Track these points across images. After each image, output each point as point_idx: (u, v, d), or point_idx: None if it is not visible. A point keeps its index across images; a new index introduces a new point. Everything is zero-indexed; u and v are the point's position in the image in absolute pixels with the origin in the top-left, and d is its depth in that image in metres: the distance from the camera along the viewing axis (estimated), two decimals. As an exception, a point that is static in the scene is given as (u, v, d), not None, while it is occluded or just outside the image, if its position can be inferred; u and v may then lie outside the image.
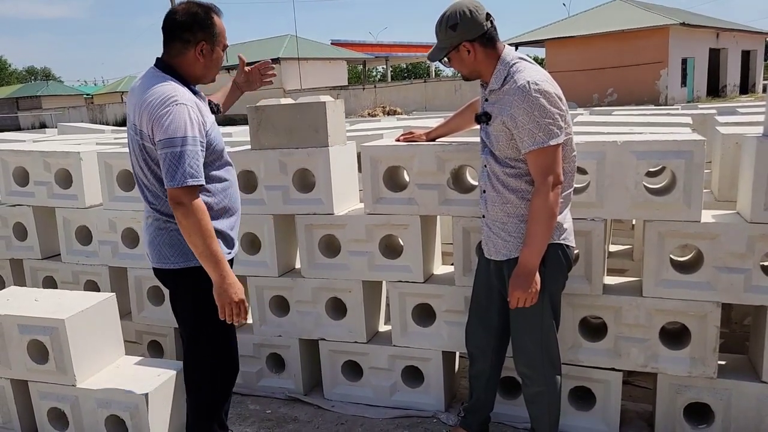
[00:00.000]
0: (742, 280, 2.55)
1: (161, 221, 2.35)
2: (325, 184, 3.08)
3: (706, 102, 23.67)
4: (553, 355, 2.51)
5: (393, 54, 45.28)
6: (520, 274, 2.34)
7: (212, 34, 2.29)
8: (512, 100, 2.26)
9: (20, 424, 3.05)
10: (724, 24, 31.08)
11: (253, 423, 3.18)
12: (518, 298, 2.35)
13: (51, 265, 3.90)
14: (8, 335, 2.90)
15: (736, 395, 2.68)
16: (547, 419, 2.57)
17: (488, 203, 2.46)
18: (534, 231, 2.30)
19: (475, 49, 2.34)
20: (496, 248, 2.46)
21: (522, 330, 2.50)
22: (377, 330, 3.38)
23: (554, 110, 2.23)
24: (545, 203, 2.26)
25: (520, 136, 2.26)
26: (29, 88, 58.23)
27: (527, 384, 2.56)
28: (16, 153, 3.82)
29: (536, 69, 2.33)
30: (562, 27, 29.42)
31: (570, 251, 2.45)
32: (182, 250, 2.32)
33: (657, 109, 5.84)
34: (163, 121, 2.14)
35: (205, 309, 2.37)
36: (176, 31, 2.27)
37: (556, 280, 2.44)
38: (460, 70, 2.45)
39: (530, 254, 2.32)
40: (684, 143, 2.54)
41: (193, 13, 2.26)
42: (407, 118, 6.80)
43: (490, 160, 2.43)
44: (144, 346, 3.78)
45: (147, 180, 2.33)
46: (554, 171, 2.26)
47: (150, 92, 2.21)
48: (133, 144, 2.32)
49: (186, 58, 2.29)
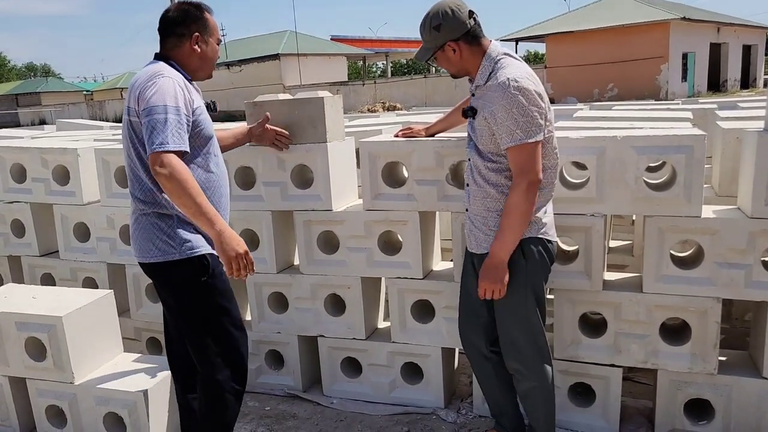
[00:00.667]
0: (743, 275, 2.54)
1: (138, 213, 2.37)
2: (324, 180, 3.07)
3: (706, 97, 23.60)
4: (542, 348, 2.51)
5: (393, 50, 45.19)
6: (488, 266, 2.37)
7: (205, 27, 2.38)
8: (493, 96, 2.28)
9: (18, 422, 3.05)
10: (725, 18, 31.01)
11: (252, 420, 3.17)
12: (485, 288, 2.38)
13: (49, 262, 3.89)
14: (6, 332, 2.89)
15: (737, 391, 2.66)
16: (542, 413, 2.57)
17: (471, 197, 2.48)
18: (506, 225, 2.33)
19: (461, 47, 2.36)
20: (477, 242, 2.48)
21: (508, 325, 2.50)
22: (376, 326, 3.37)
23: (533, 108, 2.24)
24: (520, 199, 2.28)
25: (500, 132, 2.28)
26: (29, 84, 58.19)
27: (519, 380, 2.56)
28: (13, 149, 3.81)
29: (519, 65, 2.34)
30: (563, 22, 29.33)
31: (552, 246, 2.46)
32: (158, 243, 2.32)
33: (657, 104, 5.83)
34: (148, 93, 2.19)
35: (189, 301, 2.38)
36: (170, 27, 2.36)
37: (537, 274, 2.44)
38: (447, 68, 2.47)
39: (499, 248, 2.34)
40: (684, 138, 2.53)
41: (185, 9, 2.37)
42: (407, 114, 6.77)
43: (474, 155, 2.44)
44: (143, 343, 3.77)
45: (132, 163, 2.34)
46: (532, 169, 2.27)
47: (142, 72, 2.31)
48: (124, 129, 2.34)
49: (182, 51, 2.37)
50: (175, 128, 2.17)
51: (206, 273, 2.35)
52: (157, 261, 2.34)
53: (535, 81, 2.29)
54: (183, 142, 2.19)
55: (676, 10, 26.99)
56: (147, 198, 2.33)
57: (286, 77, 33.83)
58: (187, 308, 2.41)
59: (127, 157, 2.36)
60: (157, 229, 2.32)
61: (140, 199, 2.34)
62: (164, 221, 2.33)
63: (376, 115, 7.69)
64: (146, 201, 2.33)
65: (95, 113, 39.94)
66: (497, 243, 2.35)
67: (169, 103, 2.17)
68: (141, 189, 2.33)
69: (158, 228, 2.32)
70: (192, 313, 2.41)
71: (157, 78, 2.23)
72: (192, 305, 2.39)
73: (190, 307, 2.40)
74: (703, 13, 30.16)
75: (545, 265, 2.46)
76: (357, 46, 42.64)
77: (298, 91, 4.01)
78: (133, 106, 2.27)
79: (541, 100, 2.28)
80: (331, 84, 31.49)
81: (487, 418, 2.98)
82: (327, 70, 36.85)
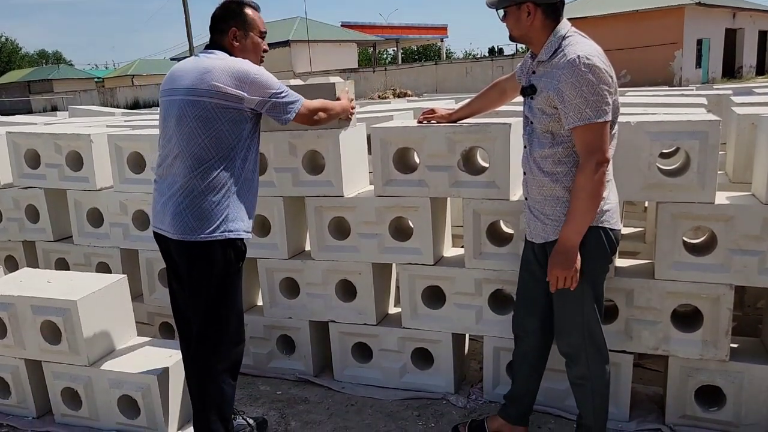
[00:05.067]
0: (756, 262, 2.52)
1: (194, 192, 2.39)
2: (335, 166, 3.07)
3: (721, 83, 23.33)
4: (598, 340, 2.43)
5: (404, 36, 44.98)
6: (559, 252, 2.28)
7: (243, 21, 2.53)
8: (560, 74, 2.18)
9: (35, 404, 3.10)
10: (741, 3, 30.52)
11: (264, 404, 3.20)
12: (557, 277, 2.28)
13: (63, 247, 3.93)
14: (22, 316, 2.93)
15: (749, 378, 2.66)
16: (590, 404, 2.49)
17: (528, 185, 2.42)
18: (575, 208, 2.23)
19: (537, 14, 2.24)
20: (536, 231, 2.42)
21: (563, 314, 2.44)
22: (387, 312, 3.38)
23: (603, 86, 2.15)
24: (589, 180, 2.18)
25: (566, 111, 2.18)
26: (41, 71, 58.41)
27: (569, 365, 2.51)
28: (27, 135, 3.84)
29: (588, 43, 2.24)
30: (576, 7, 29.00)
31: (614, 234, 2.36)
32: (210, 222, 2.39)
33: (671, 90, 5.77)
34: (262, 80, 2.43)
35: (223, 284, 2.46)
36: (214, 23, 2.55)
37: (596, 264, 2.34)
38: (511, 29, 2.33)
39: (570, 232, 2.25)
40: (698, 124, 2.50)
41: (226, 6, 2.55)
42: (418, 101, 6.75)
43: (530, 141, 2.38)
44: (155, 327, 3.81)
45: (200, 141, 2.38)
46: (600, 149, 2.17)
47: (224, 61, 2.44)
48: (187, 107, 2.39)
49: (225, 45, 2.53)
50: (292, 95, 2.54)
51: (242, 257, 2.52)
52: (205, 240, 2.39)
53: (604, 60, 2.20)
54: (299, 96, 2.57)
55: (690, -5, 26.61)
56: (209, 178, 2.39)
57: (297, 64, 33.76)
58: (218, 289, 2.46)
59: (189, 137, 2.39)
60: (210, 208, 2.39)
61: (201, 178, 2.39)
62: (222, 201, 2.42)
63: (387, 101, 7.66)
64: (208, 180, 2.39)
65: (106, 100, 40.08)
66: (567, 227, 2.26)
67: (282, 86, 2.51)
68: (205, 169, 2.39)
69: (212, 207, 2.39)
70: (219, 295, 2.47)
71: (257, 68, 2.46)
72: (224, 286, 2.47)
73: (216, 287, 2.45)
74: (718, -2, 29.72)
75: (605, 254, 2.36)
76: (367, 32, 42.45)
77: (309, 77, 4.00)
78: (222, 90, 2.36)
79: (612, 80, 2.19)
80: (341, 71, 31.40)
81: (497, 404, 2.99)
82: (337, 56, 36.74)
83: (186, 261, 2.47)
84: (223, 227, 2.41)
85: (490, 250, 2.92)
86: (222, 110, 2.38)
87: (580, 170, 2.22)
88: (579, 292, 2.34)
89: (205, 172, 2.39)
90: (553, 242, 2.34)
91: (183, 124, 2.40)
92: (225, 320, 2.50)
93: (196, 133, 2.38)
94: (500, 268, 2.91)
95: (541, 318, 2.56)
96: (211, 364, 2.51)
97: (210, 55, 2.49)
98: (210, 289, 2.46)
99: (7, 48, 68.81)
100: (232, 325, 2.53)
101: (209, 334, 2.49)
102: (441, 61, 30.63)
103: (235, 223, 2.44)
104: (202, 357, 2.52)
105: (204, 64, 2.44)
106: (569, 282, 2.29)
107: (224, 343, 2.52)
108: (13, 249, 4.15)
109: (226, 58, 2.46)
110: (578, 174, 2.22)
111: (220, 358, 2.52)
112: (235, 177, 2.45)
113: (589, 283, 2.34)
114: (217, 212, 2.40)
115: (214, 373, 2.51)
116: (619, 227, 2.40)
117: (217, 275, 2.44)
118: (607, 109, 2.16)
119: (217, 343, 2.50)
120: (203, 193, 2.39)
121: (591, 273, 2.33)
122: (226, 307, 2.50)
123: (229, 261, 2.45)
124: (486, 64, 29.84)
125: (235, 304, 2.54)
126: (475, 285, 2.98)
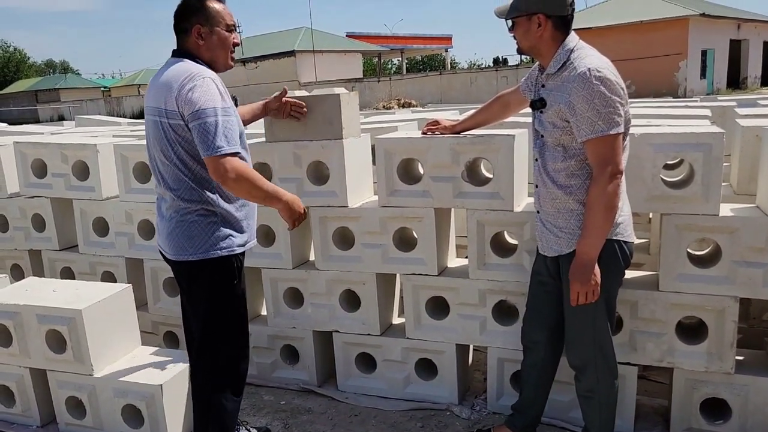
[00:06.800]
0: (761, 274, 2.52)
1: (181, 212, 2.34)
2: (339, 176, 3.08)
3: (726, 94, 23.30)
4: (608, 354, 2.42)
5: (408, 46, 45.13)
6: (577, 267, 2.26)
7: (207, 16, 2.31)
8: (571, 87, 2.18)
9: (39, 413, 3.10)
10: (746, 14, 30.55)
11: (267, 414, 3.20)
12: (578, 292, 2.26)
13: (68, 256, 3.95)
14: (27, 325, 2.94)
15: (754, 391, 2.64)
16: (597, 419, 2.49)
17: (540, 198, 2.41)
18: (591, 221, 2.22)
19: (547, 26, 2.25)
20: (548, 244, 2.42)
21: (574, 327, 2.43)
22: (391, 322, 3.38)
23: (615, 98, 2.15)
24: (603, 193, 2.17)
25: (578, 124, 2.18)
26: (48, 80, 58.86)
27: (579, 378, 2.50)
28: (34, 145, 3.86)
29: (597, 56, 2.25)
30: (580, 18, 29.02)
31: (627, 246, 2.36)
32: (200, 242, 2.34)
33: (675, 101, 5.77)
34: (193, 95, 2.17)
35: (219, 301, 2.43)
36: (176, 23, 2.35)
37: (609, 277, 2.32)
38: (520, 40, 2.33)
39: (587, 246, 2.23)
40: (702, 135, 2.50)
41: (185, 1, 2.33)
42: (422, 111, 6.76)
43: (541, 154, 2.37)
44: (160, 336, 3.82)
45: (171, 162, 2.30)
46: (613, 161, 2.17)
47: (172, 72, 2.26)
48: (155, 128, 2.31)
49: (190, 45, 2.33)
50: (227, 129, 2.19)
51: (239, 274, 2.46)
52: (196, 259, 2.35)
53: (614, 72, 2.20)
54: (236, 142, 2.23)
55: (695, 6, 26.63)
56: (192, 197, 2.31)
57: (302, 74, 33.90)
58: (214, 306, 2.44)
59: (166, 161, 2.31)
60: (199, 228, 2.33)
61: (185, 198, 2.32)
62: (209, 219, 2.34)
63: (391, 111, 7.69)
64: (191, 200, 2.32)
65: (113, 109, 40.34)
66: (584, 241, 2.24)
67: (217, 105, 2.18)
68: (185, 189, 2.31)
69: (201, 226, 2.33)
70: (216, 312, 2.44)
71: (198, 80, 2.19)
72: (220, 303, 2.44)
73: (213, 304, 2.43)
74: (722, 9, 29.74)
75: (619, 267, 2.35)
76: (372, 42, 42.64)
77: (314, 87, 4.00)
78: (172, 109, 2.21)
79: (623, 91, 2.19)
80: (346, 81, 31.52)
81: (501, 415, 2.98)
82: (342, 66, 36.87)
83: (183, 279, 2.48)
84: (214, 246, 2.34)
85: (495, 260, 2.92)
86: (176, 129, 2.24)
87: (594, 183, 2.21)
88: (592, 306, 2.33)
89: (185, 192, 2.32)
90: (566, 255, 2.34)
91: (156, 144, 2.33)
92: (223, 336, 2.49)
93: (166, 154, 2.30)
94: (504, 279, 2.91)
95: (550, 330, 2.55)
96: (211, 379, 2.50)
97: (170, 65, 2.30)
98: (207, 306, 2.44)
99: (15, 58, 69.35)
100: (232, 341, 2.52)
101: (208, 350, 2.49)
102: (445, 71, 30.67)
103: (226, 240, 2.36)
104: (202, 372, 2.51)
105: (161, 78, 2.29)
106: (590, 296, 2.27)
107: (223, 358, 2.51)
108: (19, 258, 4.17)
109: (177, 67, 2.26)
110: (592, 187, 2.22)
111: (220, 373, 2.51)
112: (219, 192, 2.34)
113: (602, 297, 2.32)
114: (206, 231, 2.33)
115: (215, 387, 2.50)
116: (632, 240, 2.39)
117: (213, 292, 2.42)
118: (619, 120, 2.17)
119: (215, 358, 2.49)
120: (188, 213, 2.33)
121: (605, 286, 2.31)
122: (225, 322, 2.47)
123: (223, 278, 2.41)
124: (490, 74, 29.92)
125: (234, 320, 2.51)
126: (479, 296, 2.97)
